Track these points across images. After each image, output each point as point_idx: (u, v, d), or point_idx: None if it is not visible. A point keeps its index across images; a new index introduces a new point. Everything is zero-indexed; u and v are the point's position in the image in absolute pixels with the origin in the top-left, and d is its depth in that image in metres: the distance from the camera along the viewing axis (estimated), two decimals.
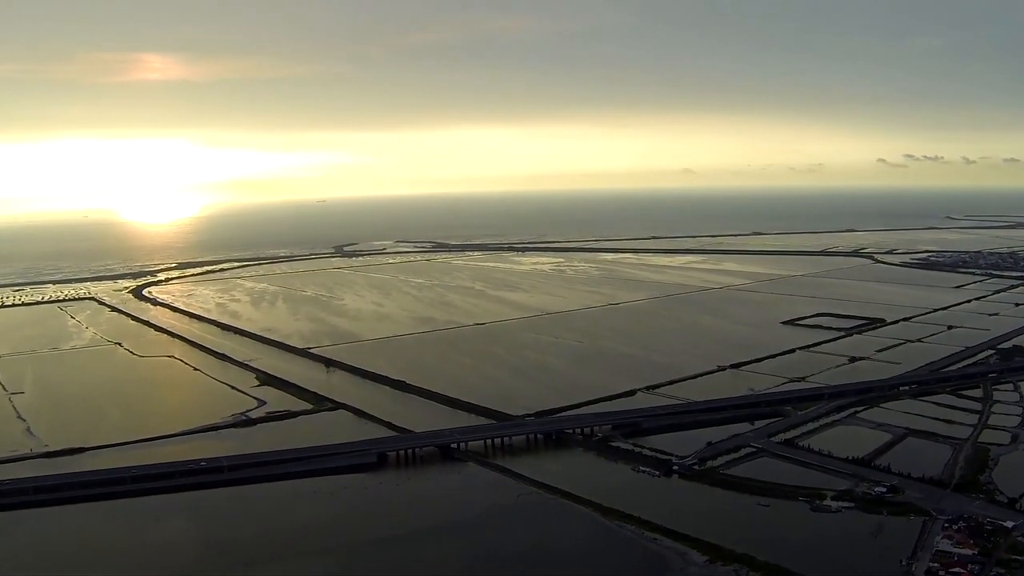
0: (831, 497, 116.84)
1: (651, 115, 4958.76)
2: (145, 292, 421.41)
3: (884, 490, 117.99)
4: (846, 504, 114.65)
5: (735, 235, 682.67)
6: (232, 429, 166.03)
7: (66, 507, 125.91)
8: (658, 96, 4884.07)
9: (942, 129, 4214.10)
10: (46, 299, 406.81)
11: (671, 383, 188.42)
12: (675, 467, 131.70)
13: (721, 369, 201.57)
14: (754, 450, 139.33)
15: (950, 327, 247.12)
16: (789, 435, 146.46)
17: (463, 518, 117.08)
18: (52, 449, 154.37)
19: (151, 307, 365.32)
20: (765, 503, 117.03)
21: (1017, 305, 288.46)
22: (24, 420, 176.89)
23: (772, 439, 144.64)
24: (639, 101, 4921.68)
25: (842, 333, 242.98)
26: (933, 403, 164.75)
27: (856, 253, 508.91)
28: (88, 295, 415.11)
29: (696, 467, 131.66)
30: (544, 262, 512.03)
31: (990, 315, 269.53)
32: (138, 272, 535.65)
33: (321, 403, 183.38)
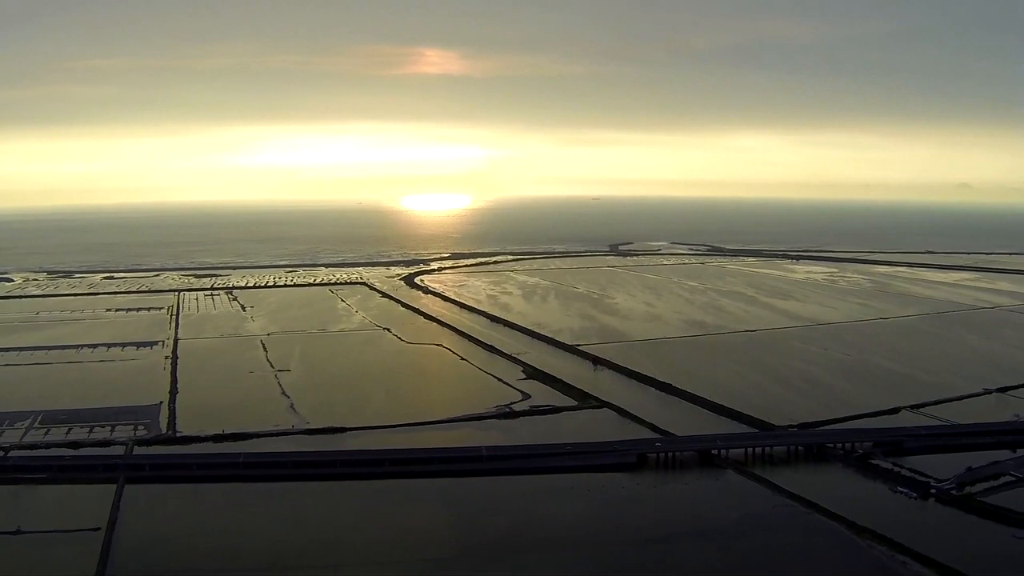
0: None
1: (930, 126, 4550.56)
2: (417, 280, 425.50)
3: None
4: None
5: (1011, 253, 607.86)
6: (495, 420, 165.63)
7: (324, 483, 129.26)
8: (937, 106, 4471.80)
9: None
10: (317, 281, 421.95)
11: (935, 403, 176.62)
12: (933, 490, 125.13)
13: (987, 392, 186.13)
14: (1014, 479, 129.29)
15: None
16: None
17: (716, 525, 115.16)
18: (313, 426, 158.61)
19: (422, 295, 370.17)
20: (1021, 535, 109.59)
21: None
22: (288, 397, 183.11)
23: None
24: (917, 111, 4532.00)
25: None
26: None
27: None
28: (359, 280, 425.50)
29: (954, 492, 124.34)
30: (818, 271, 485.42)
31: None
32: (411, 260, 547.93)
33: (586, 400, 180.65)
